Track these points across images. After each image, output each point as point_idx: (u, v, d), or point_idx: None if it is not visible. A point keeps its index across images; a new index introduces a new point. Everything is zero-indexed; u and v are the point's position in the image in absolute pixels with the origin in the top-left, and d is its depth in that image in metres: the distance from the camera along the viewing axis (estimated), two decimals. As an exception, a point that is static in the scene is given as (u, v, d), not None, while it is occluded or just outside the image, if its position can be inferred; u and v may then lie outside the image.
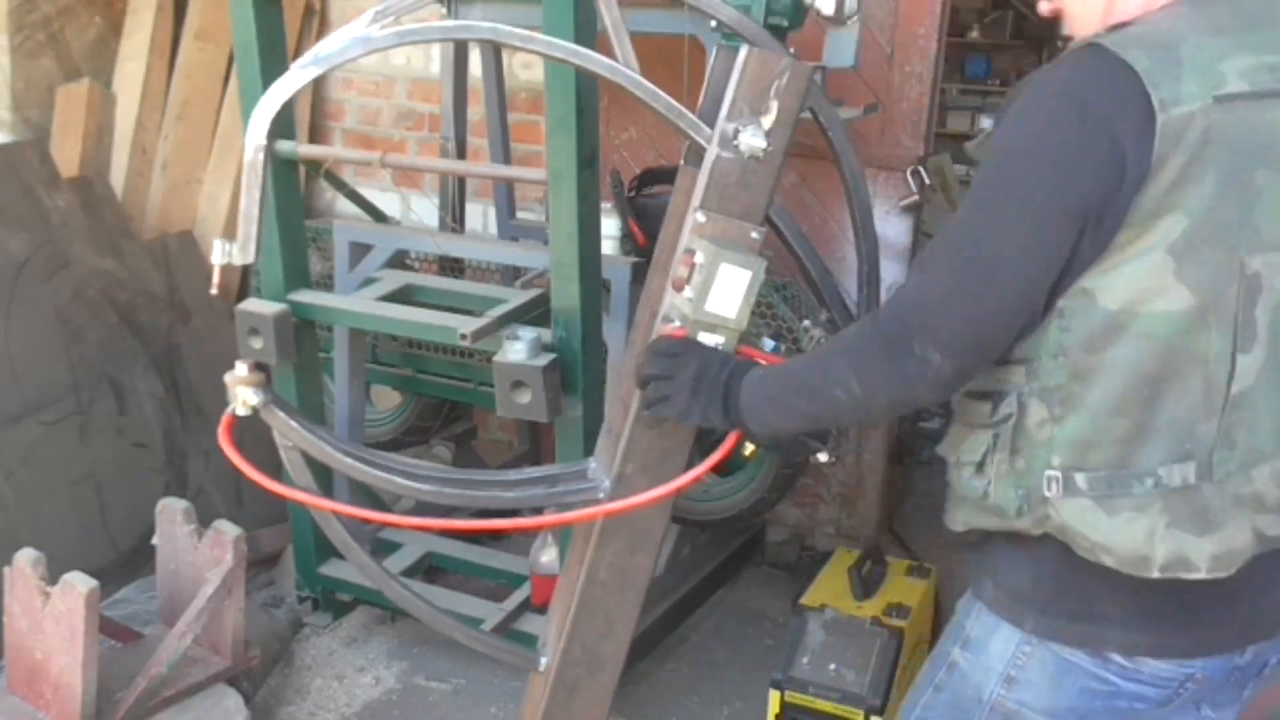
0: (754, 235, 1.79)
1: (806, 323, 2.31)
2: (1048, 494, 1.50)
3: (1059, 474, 1.49)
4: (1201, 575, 1.45)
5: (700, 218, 1.78)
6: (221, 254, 1.72)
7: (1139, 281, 1.43)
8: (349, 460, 1.92)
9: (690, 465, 1.92)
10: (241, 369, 1.81)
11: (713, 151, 1.78)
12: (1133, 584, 1.49)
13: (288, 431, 1.89)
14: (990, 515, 1.59)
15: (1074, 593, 1.55)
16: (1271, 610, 1.58)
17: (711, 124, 1.78)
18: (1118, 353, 1.45)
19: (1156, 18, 1.48)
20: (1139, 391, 1.45)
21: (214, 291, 1.82)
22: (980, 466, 1.59)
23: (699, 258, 1.75)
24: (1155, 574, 1.45)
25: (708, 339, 1.77)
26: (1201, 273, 1.42)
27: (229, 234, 1.69)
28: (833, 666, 2.93)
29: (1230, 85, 1.42)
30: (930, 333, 1.49)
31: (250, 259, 1.71)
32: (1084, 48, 1.47)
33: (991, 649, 1.62)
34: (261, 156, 1.66)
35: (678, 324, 1.77)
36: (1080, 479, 1.48)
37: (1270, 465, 1.50)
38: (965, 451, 1.61)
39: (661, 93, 1.79)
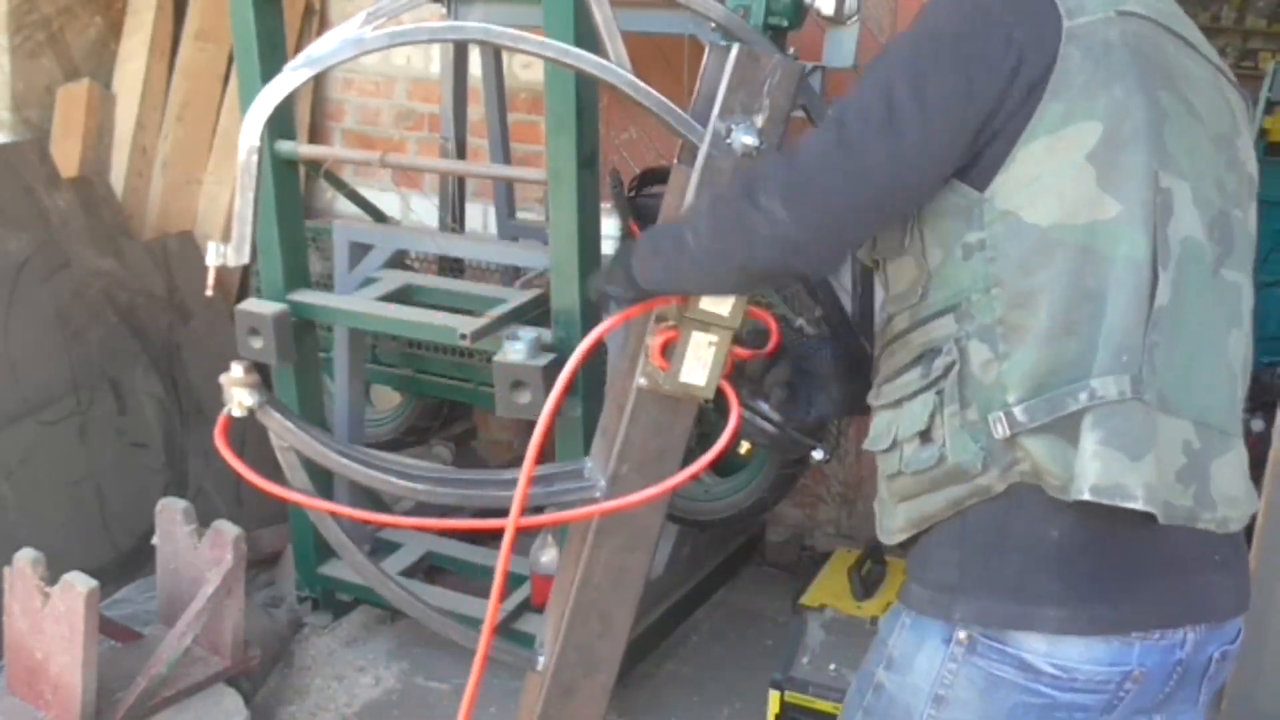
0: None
1: (801, 321, 2.31)
2: (995, 436, 1.43)
3: (1002, 412, 1.43)
4: (1139, 505, 1.37)
5: (693, 217, 1.78)
6: (215, 255, 1.72)
7: (1065, 194, 1.40)
8: (344, 460, 1.92)
9: (686, 464, 1.92)
10: (237, 370, 1.81)
11: (705, 150, 1.78)
12: (1061, 554, 1.44)
13: (283, 432, 1.89)
14: (949, 486, 1.50)
15: (1001, 570, 1.48)
16: (1203, 591, 1.51)
17: (704, 123, 1.78)
18: (1056, 269, 1.40)
19: None
20: (1084, 307, 1.40)
21: (209, 293, 1.82)
22: (927, 434, 1.50)
23: (691, 257, 1.75)
24: (1087, 495, 1.37)
25: (700, 338, 1.77)
26: (1123, 180, 1.39)
27: (229, 234, 1.68)
28: (833, 666, 2.93)
29: (1130, 4, 1.44)
30: (783, 188, 1.45)
31: (244, 260, 1.71)
32: None
33: (917, 667, 1.55)
34: (255, 158, 1.66)
35: (671, 322, 1.78)
36: (1019, 411, 1.41)
37: (1176, 420, 1.43)
38: (904, 427, 1.53)
39: (653, 92, 1.79)
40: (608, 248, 3.05)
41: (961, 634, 1.49)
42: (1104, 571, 1.45)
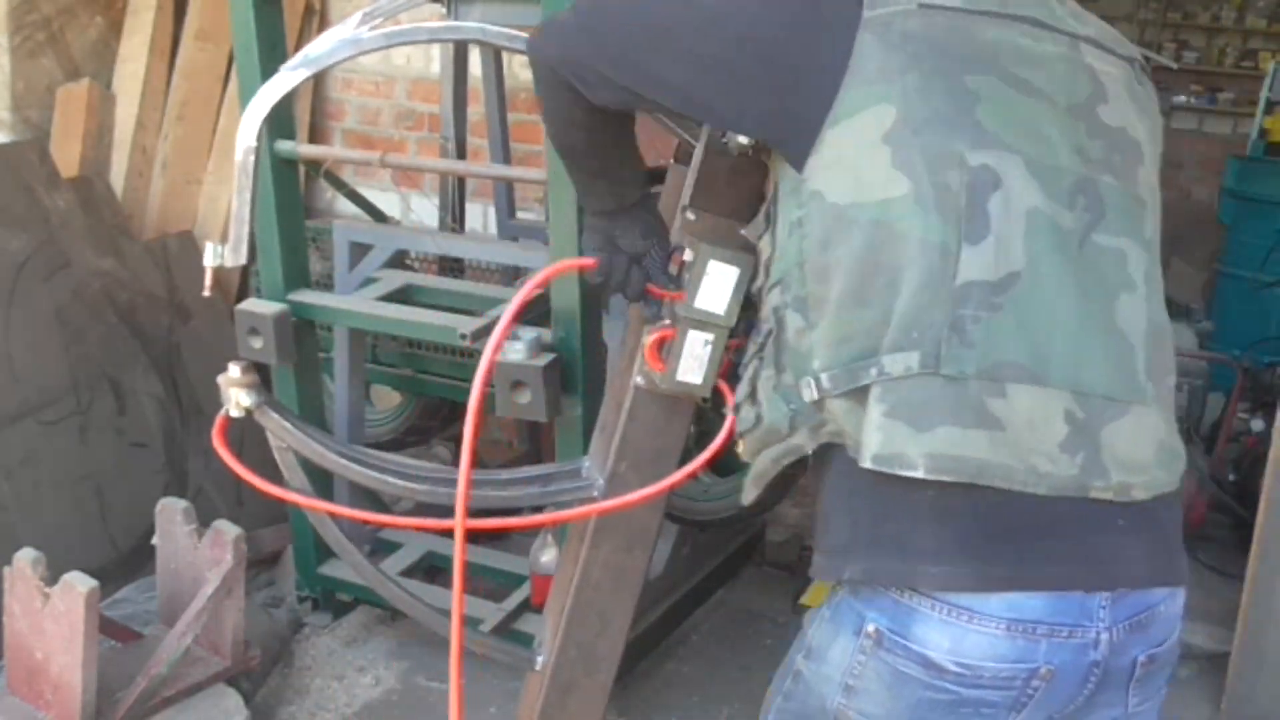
0: (742, 232, 1.79)
1: None
2: (805, 399, 1.51)
3: (811, 377, 1.50)
4: (919, 474, 1.40)
5: (689, 215, 1.79)
6: (213, 256, 1.73)
7: (862, 173, 1.44)
8: (342, 460, 1.92)
9: (684, 463, 1.92)
10: (235, 371, 1.82)
11: (700, 149, 1.78)
12: (938, 513, 1.44)
13: (281, 432, 1.89)
14: (770, 444, 1.60)
15: (886, 528, 1.49)
16: (1103, 556, 1.48)
17: (700, 122, 1.79)
18: (850, 245, 1.45)
19: None
20: (876, 280, 1.44)
21: (207, 293, 1.83)
22: (752, 395, 1.61)
23: (687, 255, 1.76)
24: (869, 463, 1.42)
25: (697, 336, 1.77)
26: (917, 160, 1.42)
27: (227, 235, 1.69)
28: (832, 666, 2.92)
29: None
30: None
31: (242, 261, 1.72)
32: None
33: (830, 658, 1.58)
34: (252, 158, 1.67)
35: (667, 322, 1.78)
36: (824, 378, 1.48)
37: (1043, 390, 1.43)
38: (740, 391, 1.65)
39: (651, 91, 1.79)
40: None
41: (870, 628, 1.50)
42: (985, 531, 1.45)
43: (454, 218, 3.76)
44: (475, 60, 3.72)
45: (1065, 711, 1.53)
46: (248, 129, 1.64)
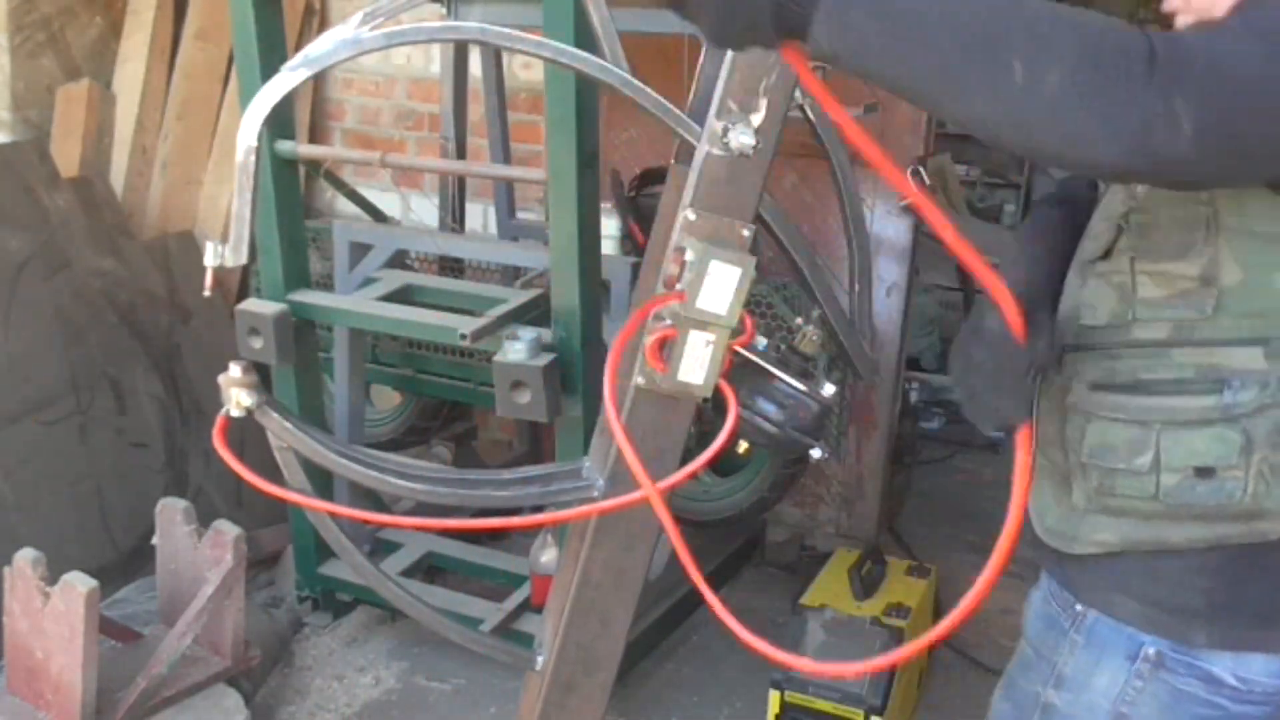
0: (744, 233, 1.79)
1: (799, 320, 2.31)
2: None
3: None
4: None
5: (690, 216, 1.78)
6: (214, 256, 1.72)
7: None
8: (343, 460, 1.92)
9: (685, 463, 1.92)
10: (235, 370, 1.81)
11: (702, 150, 1.78)
12: None
13: (282, 432, 1.89)
14: (1214, 522, 1.39)
15: (1248, 594, 1.43)
16: None
17: (701, 122, 1.79)
18: None
19: None
20: None
21: (207, 293, 1.83)
22: (1208, 470, 1.36)
23: (689, 255, 1.75)
24: None
25: (699, 337, 1.77)
26: None
27: (228, 235, 1.69)
28: (832, 666, 2.93)
29: None
30: (1201, 78, 1.09)
31: (242, 260, 1.72)
32: None
33: (1096, 685, 1.50)
34: (253, 158, 1.66)
35: (669, 322, 1.78)
36: None
37: None
38: (1175, 456, 1.38)
39: (650, 91, 1.80)
40: (608, 248, 3.05)
41: (1150, 650, 1.46)
42: None
43: (454, 218, 3.76)
44: (475, 60, 3.72)
45: None
46: (249, 129, 1.63)
